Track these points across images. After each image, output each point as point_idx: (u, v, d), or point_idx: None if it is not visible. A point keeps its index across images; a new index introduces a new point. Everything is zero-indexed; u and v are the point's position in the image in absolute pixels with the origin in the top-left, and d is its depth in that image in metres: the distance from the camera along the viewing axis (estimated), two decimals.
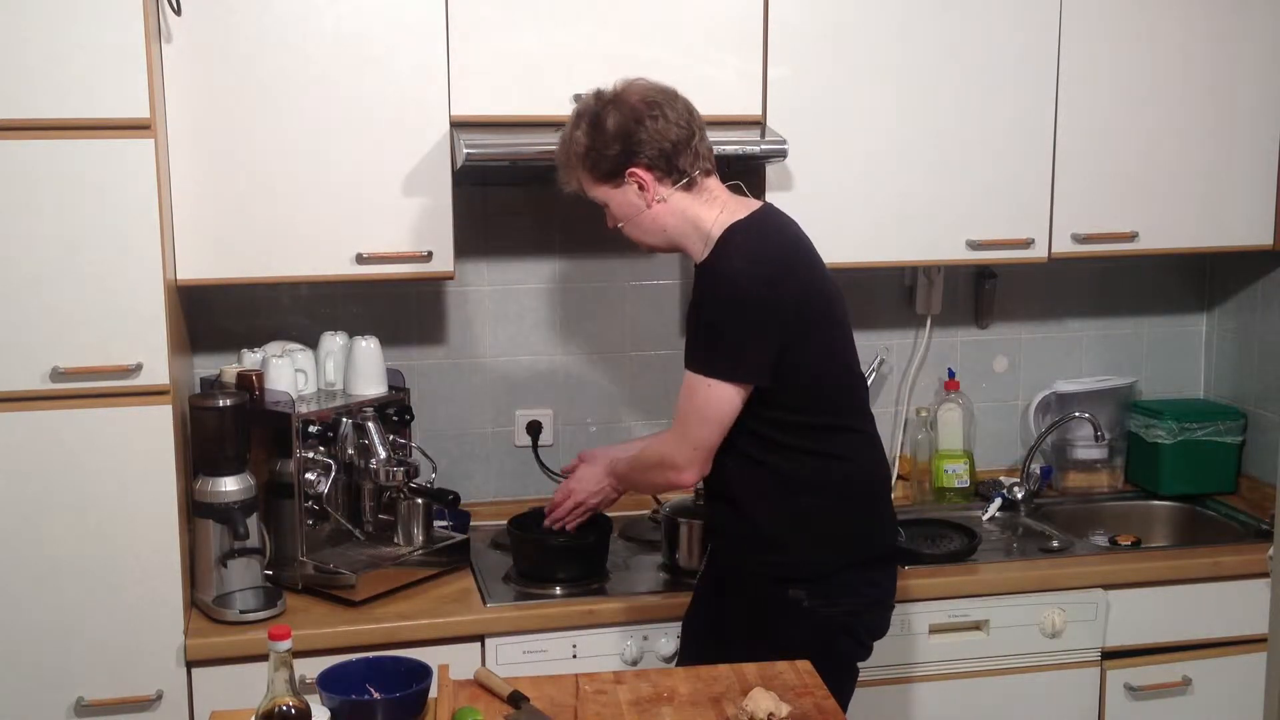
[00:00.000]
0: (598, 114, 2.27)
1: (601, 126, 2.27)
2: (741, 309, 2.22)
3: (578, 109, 2.33)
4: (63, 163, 2.29)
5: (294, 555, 2.64)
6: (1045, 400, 3.36)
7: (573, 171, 2.34)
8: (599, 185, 2.32)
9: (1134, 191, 3.01)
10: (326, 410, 2.67)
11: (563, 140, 2.34)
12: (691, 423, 2.29)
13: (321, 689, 1.97)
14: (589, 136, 2.28)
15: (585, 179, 2.33)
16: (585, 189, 2.35)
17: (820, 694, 2.09)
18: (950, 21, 2.85)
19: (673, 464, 2.33)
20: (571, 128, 2.32)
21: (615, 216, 2.35)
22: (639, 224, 2.34)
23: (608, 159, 2.28)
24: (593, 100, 2.30)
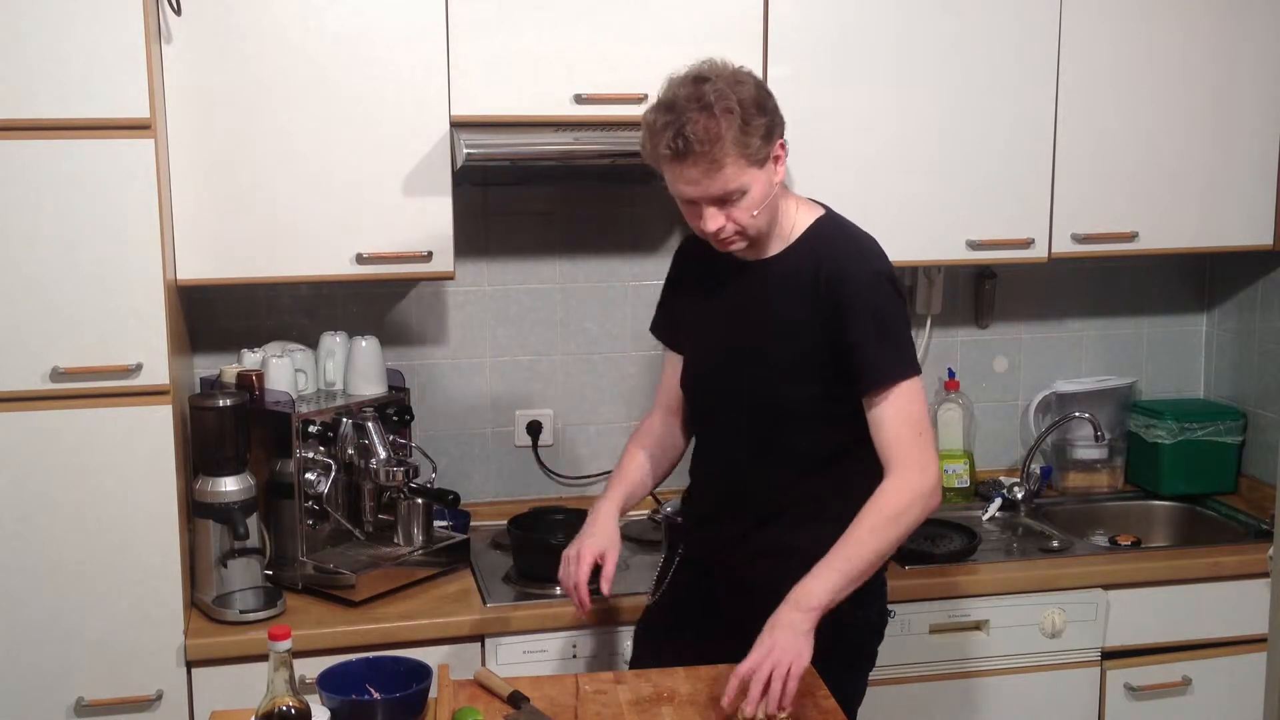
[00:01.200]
0: (722, 90, 2.02)
1: (752, 99, 2.05)
2: (903, 299, 2.20)
3: (690, 94, 2.02)
4: (63, 163, 2.29)
5: (294, 555, 2.64)
6: (1045, 400, 3.36)
7: (717, 156, 2.01)
8: (744, 171, 2.05)
9: (1134, 191, 3.01)
10: (326, 410, 2.67)
11: (690, 134, 2.00)
12: (925, 431, 2.13)
13: (321, 689, 1.97)
14: (741, 113, 2.02)
15: (732, 166, 2.03)
16: (720, 183, 2.04)
17: (820, 694, 2.09)
18: (950, 21, 2.85)
19: (929, 489, 2.10)
20: (697, 111, 2.00)
21: (751, 204, 2.08)
22: (769, 209, 2.13)
23: (762, 135, 2.05)
24: (703, 80, 2.04)
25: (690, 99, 2.02)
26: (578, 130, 2.68)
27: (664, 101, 2.07)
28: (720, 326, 2.27)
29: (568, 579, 2.24)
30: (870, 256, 2.19)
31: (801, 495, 2.21)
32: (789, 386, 2.19)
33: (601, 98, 2.69)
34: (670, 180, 2.09)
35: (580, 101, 2.69)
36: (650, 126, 2.07)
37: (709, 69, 2.09)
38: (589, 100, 2.68)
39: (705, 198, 2.07)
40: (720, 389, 2.27)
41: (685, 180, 2.06)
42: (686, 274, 2.37)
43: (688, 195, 2.08)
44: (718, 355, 2.28)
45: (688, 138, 2.01)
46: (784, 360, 2.18)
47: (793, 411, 2.20)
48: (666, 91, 2.08)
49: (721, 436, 2.30)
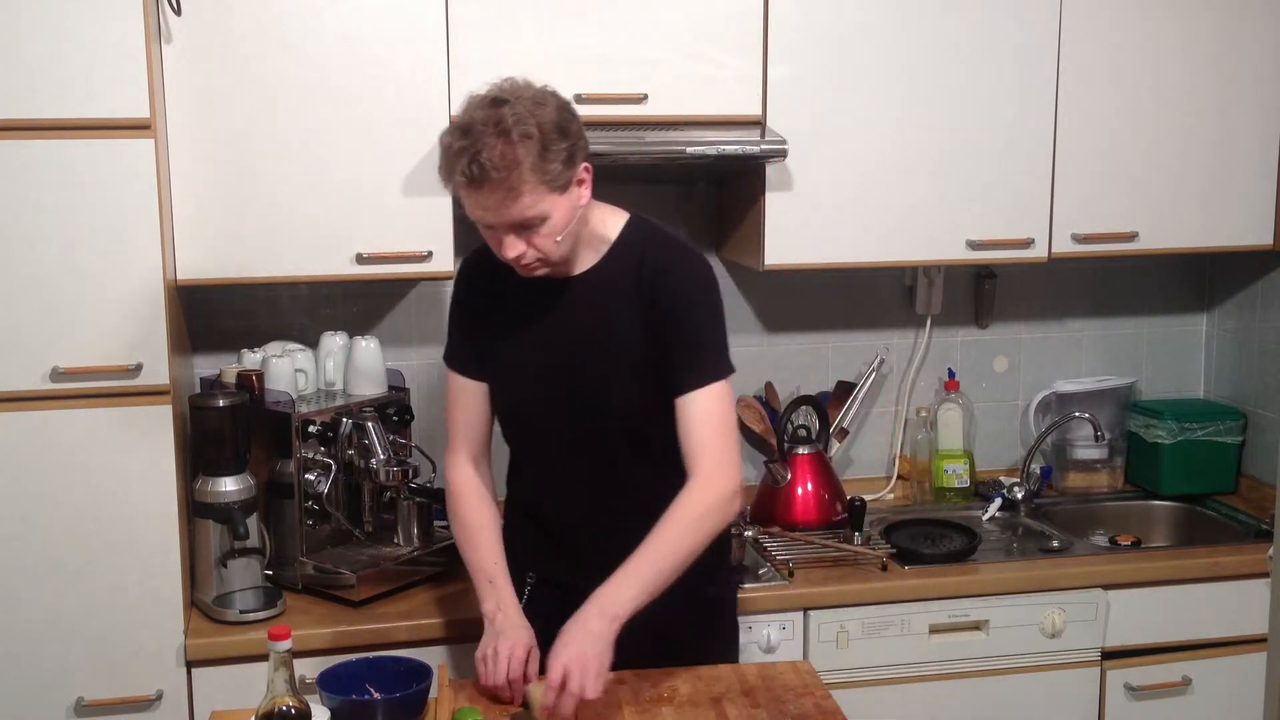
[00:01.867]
0: (521, 114, 1.96)
1: (553, 123, 1.99)
2: (718, 298, 2.16)
3: (487, 118, 1.96)
4: (63, 163, 2.29)
5: (294, 555, 2.64)
6: (1045, 400, 3.36)
7: (515, 183, 1.95)
8: (544, 198, 1.99)
9: (1134, 191, 3.01)
10: (326, 410, 2.67)
11: (486, 161, 1.93)
12: (730, 434, 2.12)
13: (321, 689, 1.97)
14: (540, 139, 1.96)
15: (531, 194, 1.97)
16: (519, 209, 1.98)
17: (820, 694, 2.10)
18: (951, 21, 2.85)
19: (731, 494, 2.09)
20: (494, 137, 1.94)
21: (552, 231, 2.02)
22: (572, 234, 2.07)
23: (563, 160, 1.99)
24: (501, 103, 1.98)
25: (487, 123, 1.95)
26: None
27: (461, 125, 1.98)
28: (544, 345, 2.17)
29: (493, 677, 2.06)
30: (687, 258, 2.17)
31: (646, 502, 2.11)
32: (624, 397, 2.15)
33: (601, 98, 2.69)
34: (467, 206, 2.02)
35: (580, 101, 2.67)
36: (446, 150, 1.99)
37: (509, 90, 2.01)
38: (589, 100, 2.68)
39: (503, 225, 2.01)
40: (552, 409, 2.18)
41: (481, 207, 2.00)
42: (483, 296, 2.23)
43: (484, 222, 2.03)
44: (545, 375, 2.17)
45: (483, 165, 1.93)
46: (617, 371, 2.14)
47: (630, 422, 2.16)
48: (464, 113, 2.00)
49: (557, 456, 2.21)
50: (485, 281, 2.22)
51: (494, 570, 2.18)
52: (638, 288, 2.13)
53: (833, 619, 2.68)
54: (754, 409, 3.16)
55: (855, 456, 3.34)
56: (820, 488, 3.02)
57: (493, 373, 2.24)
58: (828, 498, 3.02)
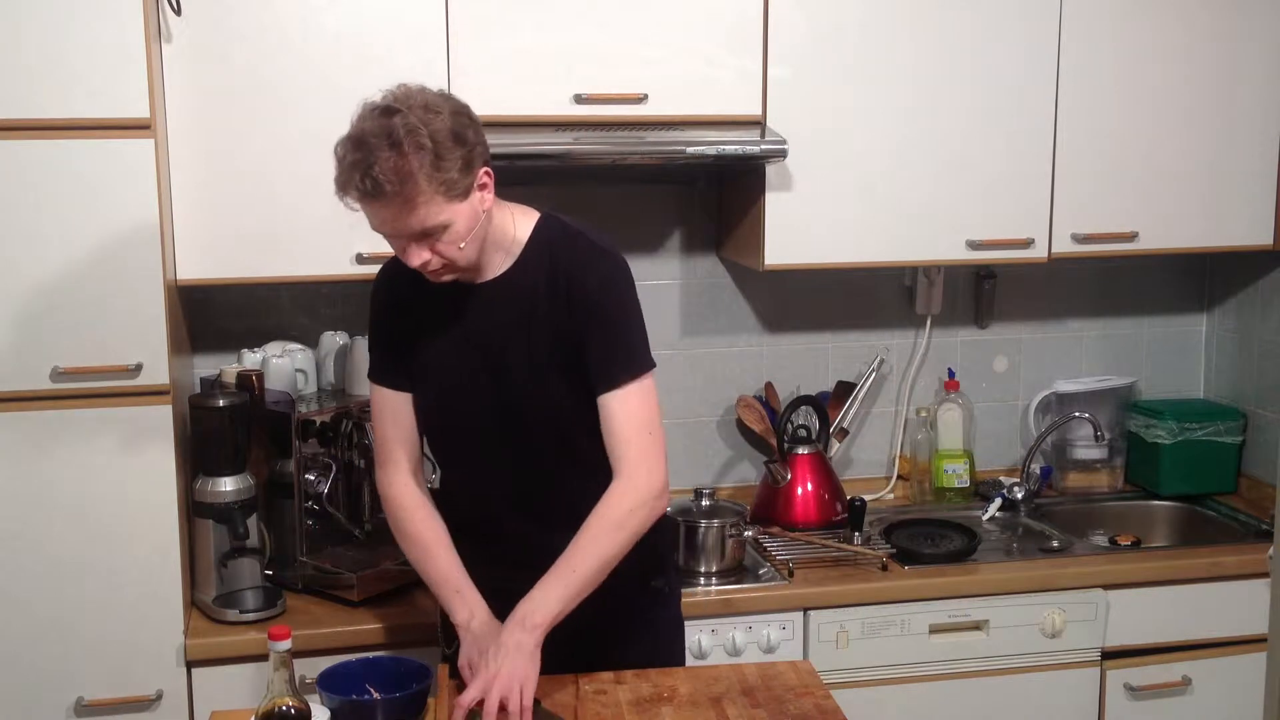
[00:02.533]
0: (413, 124, 1.91)
1: (436, 133, 1.93)
2: (634, 294, 2.13)
3: (378, 129, 1.92)
4: (63, 163, 2.29)
5: (294, 555, 2.64)
6: (1045, 400, 3.36)
7: (411, 195, 1.91)
8: (443, 207, 1.95)
9: (1134, 191, 3.00)
10: (326, 410, 2.67)
11: (379, 175, 1.89)
12: (655, 431, 2.10)
13: (321, 689, 1.97)
14: (434, 149, 1.92)
15: (428, 204, 1.93)
16: (418, 219, 1.94)
17: (820, 694, 2.10)
18: (950, 21, 2.85)
19: (656, 493, 2.09)
20: (387, 149, 1.89)
21: (455, 238, 1.98)
22: (477, 239, 2.03)
23: (459, 168, 1.95)
24: (390, 113, 1.93)
25: (379, 134, 1.91)
26: (578, 130, 2.68)
27: (353, 137, 1.94)
28: (464, 353, 2.14)
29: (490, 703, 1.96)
30: (598, 256, 2.12)
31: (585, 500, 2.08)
32: (546, 400, 2.12)
33: (601, 98, 2.69)
34: (368, 218, 1.99)
35: (580, 101, 2.69)
36: (340, 163, 1.95)
37: (401, 97, 1.96)
38: (589, 100, 2.68)
39: (403, 235, 1.97)
40: (477, 415, 2.15)
41: (380, 220, 1.96)
42: (401, 306, 2.18)
43: (384, 232, 1.99)
44: (468, 381, 2.14)
45: (376, 179, 1.89)
46: (537, 374, 2.11)
47: (555, 424, 2.13)
48: (356, 124, 1.96)
49: (484, 464, 2.18)
50: (401, 291, 2.17)
51: (459, 580, 2.15)
52: (551, 289, 2.09)
53: (833, 619, 2.68)
54: (754, 409, 3.16)
55: (855, 456, 3.34)
56: (820, 488, 3.02)
57: (416, 382, 2.19)
58: (828, 498, 3.02)
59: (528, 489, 2.16)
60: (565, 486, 2.15)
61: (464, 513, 2.23)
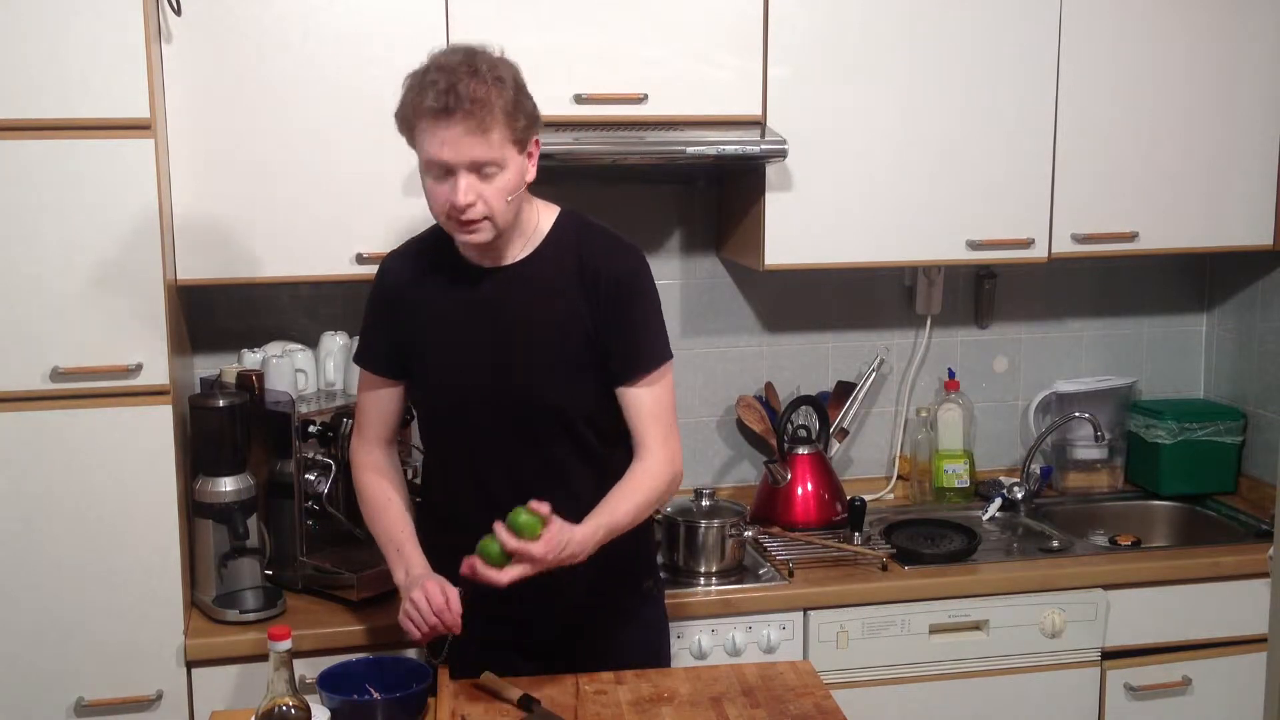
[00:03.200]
0: (495, 63, 2.00)
1: (518, 80, 2.03)
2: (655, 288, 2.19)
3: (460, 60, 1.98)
4: (63, 163, 2.29)
5: (294, 555, 2.64)
6: (1045, 400, 3.36)
7: (485, 119, 1.96)
8: (507, 146, 2.00)
9: (1134, 191, 3.01)
10: (326, 410, 2.66)
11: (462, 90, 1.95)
12: (675, 422, 2.19)
13: (321, 689, 1.97)
14: (513, 87, 2.00)
15: (499, 134, 1.98)
16: (484, 148, 1.98)
17: (820, 694, 2.10)
18: (950, 21, 2.85)
19: (678, 475, 2.17)
20: (470, 76, 1.96)
21: (504, 186, 2.02)
22: (517, 202, 2.07)
23: (526, 117, 2.03)
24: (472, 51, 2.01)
25: (463, 64, 1.98)
26: (578, 130, 2.68)
27: (433, 63, 2.00)
28: (476, 336, 2.15)
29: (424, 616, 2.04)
30: (626, 249, 2.19)
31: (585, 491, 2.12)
32: (558, 388, 2.14)
33: (601, 98, 2.69)
34: (427, 142, 1.99)
35: (580, 101, 2.69)
36: (416, 81, 1.99)
37: (479, 49, 2.04)
38: (589, 100, 2.69)
39: (463, 162, 1.98)
40: (483, 401, 2.15)
41: (446, 140, 1.97)
42: (406, 293, 2.20)
43: (443, 158, 1.98)
44: (477, 366, 2.15)
45: (460, 94, 1.94)
46: (552, 362, 2.13)
47: (562, 413, 2.15)
48: (434, 58, 2.02)
49: (483, 452, 2.17)
50: (409, 278, 2.20)
51: (401, 538, 2.18)
52: (576, 279, 2.12)
53: (833, 619, 2.68)
54: (754, 409, 3.16)
55: (855, 456, 3.34)
56: (820, 488, 3.02)
57: (418, 369, 2.20)
58: (828, 498, 3.02)
59: (527, 480, 2.13)
60: (561, 480, 2.15)
61: (457, 506, 2.21)
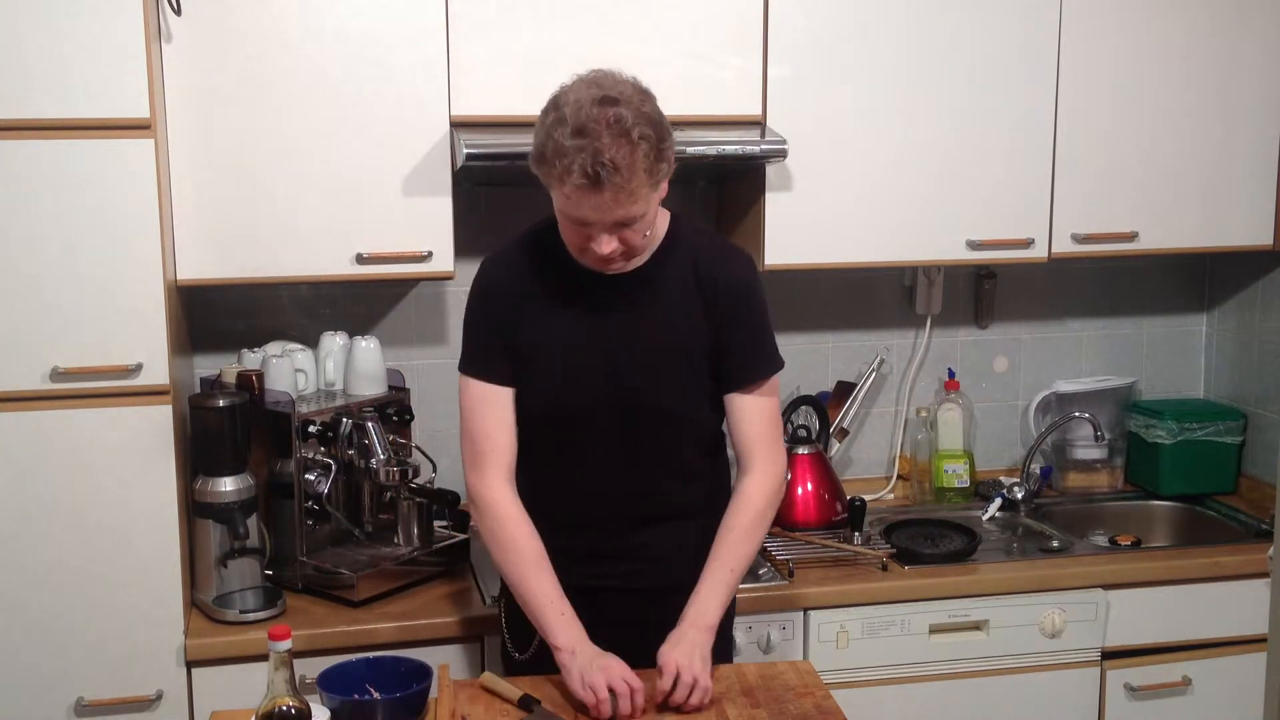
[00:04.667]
0: (640, 115, 1.94)
1: (660, 124, 1.97)
2: (766, 296, 2.23)
3: (602, 117, 1.92)
4: (63, 163, 2.29)
5: (294, 555, 2.64)
6: (1045, 400, 3.36)
7: (631, 183, 1.93)
8: (649, 197, 2.00)
9: (1134, 191, 3.01)
10: (326, 410, 2.67)
11: (609, 162, 1.90)
12: (780, 426, 2.25)
13: (321, 689, 1.97)
14: (656, 138, 1.95)
15: (643, 192, 1.96)
16: (627, 208, 1.97)
17: (820, 694, 2.10)
18: (950, 21, 2.85)
19: (783, 486, 2.24)
20: (614, 138, 1.91)
21: (645, 225, 2.02)
22: (653, 226, 2.08)
23: (667, 162, 1.99)
24: (612, 102, 1.94)
25: (605, 123, 1.92)
26: None
27: (574, 124, 1.92)
28: (591, 340, 2.14)
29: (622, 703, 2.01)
30: (741, 256, 2.23)
31: (683, 499, 2.21)
32: (681, 393, 2.17)
33: None
34: (569, 205, 1.98)
35: None
36: (557, 149, 1.93)
37: (612, 87, 1.97)
38: None
39: (607, 223, 1.99)
40: (594, 405, 2.15)
41: (589, 207, 1.96)
42: (514, 299, 2.16)
43: (588, 219, 1.98)
44: (591, 371, 2.14)
45: (606, 165, 1.90)
46: (669, 366, 2.15)
47: (683, 416, 2.19)
48: (574, 111, 1.94)
49: (588, 456, 2.18)
50: (516, 284, 2.17)
51: (563, 603, 2.12)
52: (698, 285, 2.14)
53: (833, 619, 2.68)
54: None
55: (855, 456, 3.34)
56: (820, 488, 3.02)
57: (528, 373, 2.17)
58: (828, 498, 3.02)
59: (626, 484, 2.18)
60: (662, 485, 2.20)
61: (552, 508, 2.21)
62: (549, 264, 2.15)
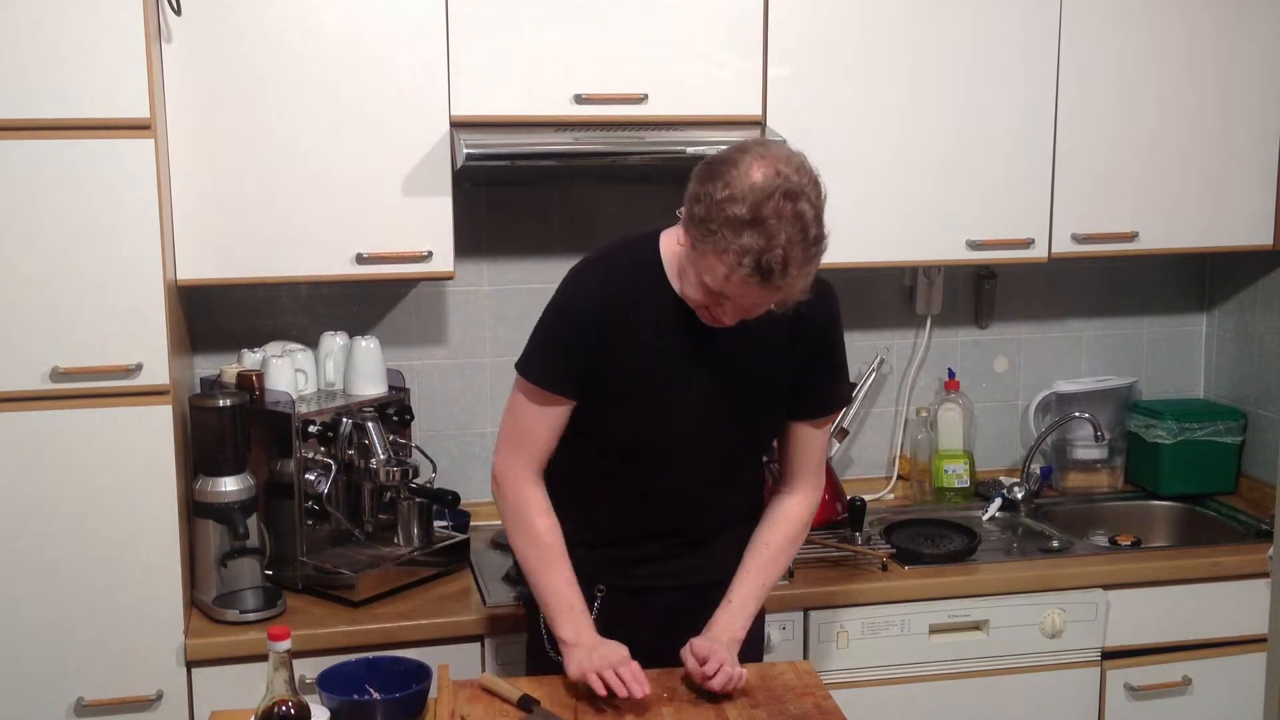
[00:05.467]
0: (818, 213, 1.90)
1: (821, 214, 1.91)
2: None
3: (783, 212, 1.85)
4: (63, 163, 2.29)
5: (294, 555, 2.64)
6: (1045, 400, 3.36)
7: (794, 287, 1.91)
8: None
9: (1134, 191, 3.01)
10: (326, 410, 2.67)
11: (779, 264, 1.85)
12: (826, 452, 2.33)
13: (321, 689, 1.97)
14: (824, 236, 1.91)
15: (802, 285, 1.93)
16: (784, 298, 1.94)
17: (820, 694, 2.10)
18: (950, 21, 2.85)
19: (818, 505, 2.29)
20: (797, 244, 1.86)
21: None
22: None
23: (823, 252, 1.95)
24: (795, 197, 1.87)
25: (786, 220, 1.85)
26: (578, 130, 2.68)
27: (754, 214, 1.84)
28: (684, 380, 2.11)
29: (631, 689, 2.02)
30: (829, 291, 2.17)
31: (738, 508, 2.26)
32: (760, 431, 2.22)
33: (601, 98, 2.69)
34: (719, 282, 1.91)
35: (580, 101, 2.69)
36: (729, 238, 1.85)
37: (792, 175, 1.88)
38: (589, 100, 2.68)
39: (748, 307, 1.97)
40: (686, 444, 2.15)
41: (744, 295, 1.92)
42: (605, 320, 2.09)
43: (729, 295, 1.94)
44: (683, 411, 2.12)
45: (778, 265, 1.85)
46: (759, 402, 2.16)
47: (753, 444, 2.25)
48: (749, 197, 1.85)
49: (668, 484, 2.17)
50: (612, 301, 2.09)
51: (573, 597, 2.14)
52: (789, 321, 2.05)
53: (833, 619, 2.68)
54: None
55: (855, 456, 3.34)
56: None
57: (608, 402, 2.13)
58: (828, 498, 3.01)
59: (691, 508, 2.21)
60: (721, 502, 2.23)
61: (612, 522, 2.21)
62: (649, 290, 2.08)
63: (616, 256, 2.14)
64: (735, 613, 2.17)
